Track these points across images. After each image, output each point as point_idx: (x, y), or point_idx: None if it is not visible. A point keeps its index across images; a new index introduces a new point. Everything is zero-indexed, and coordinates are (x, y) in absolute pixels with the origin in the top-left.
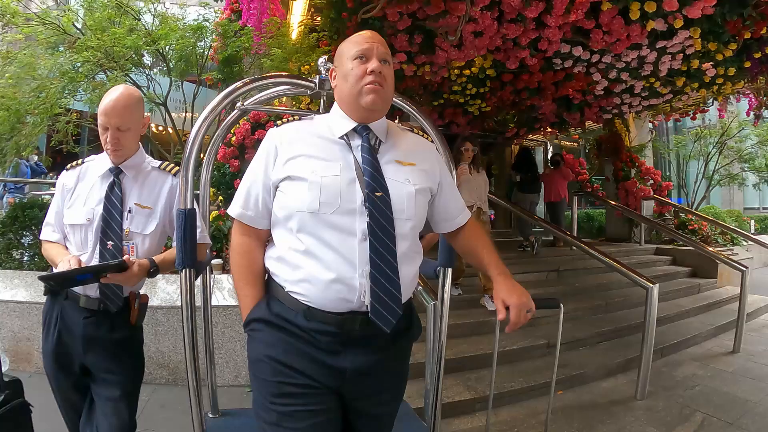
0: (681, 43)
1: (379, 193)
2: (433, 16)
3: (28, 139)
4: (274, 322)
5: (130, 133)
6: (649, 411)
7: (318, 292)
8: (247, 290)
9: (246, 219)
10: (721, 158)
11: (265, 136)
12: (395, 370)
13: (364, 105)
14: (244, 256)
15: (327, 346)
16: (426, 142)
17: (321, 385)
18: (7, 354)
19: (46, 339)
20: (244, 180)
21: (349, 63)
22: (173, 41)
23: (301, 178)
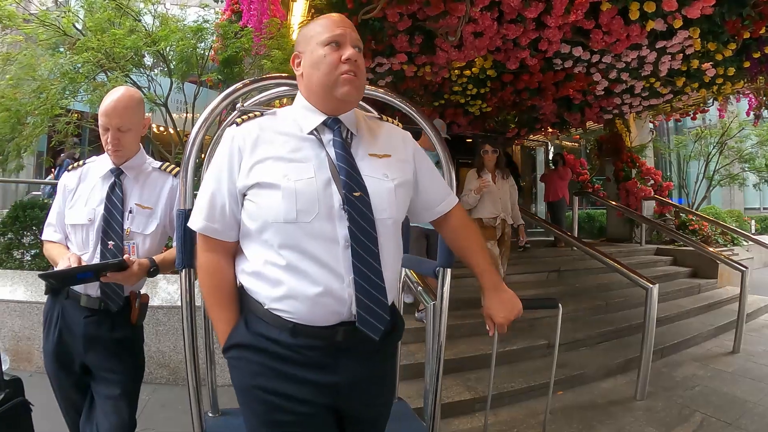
0: (680, 43)
1: (358, 192)
2: (433, 16)
3: (29, 140)
4: (256, 346)
5: (131, 134)
6: (648, 411)
7: (305, 308)
8: (221, 314)
9: (212, 232)
10: (722, 158)
11: (224, 137)
12: (385, 373)
13: (339, 96)
14: (214, 276)
15: (316, 362)
16: (397, 128)
17: (315, 407)
18: (8, 353)
19: (46, 338)
20: (204, 188)
21: (320, 49)
22: (173, 43)
23: (272, 184)
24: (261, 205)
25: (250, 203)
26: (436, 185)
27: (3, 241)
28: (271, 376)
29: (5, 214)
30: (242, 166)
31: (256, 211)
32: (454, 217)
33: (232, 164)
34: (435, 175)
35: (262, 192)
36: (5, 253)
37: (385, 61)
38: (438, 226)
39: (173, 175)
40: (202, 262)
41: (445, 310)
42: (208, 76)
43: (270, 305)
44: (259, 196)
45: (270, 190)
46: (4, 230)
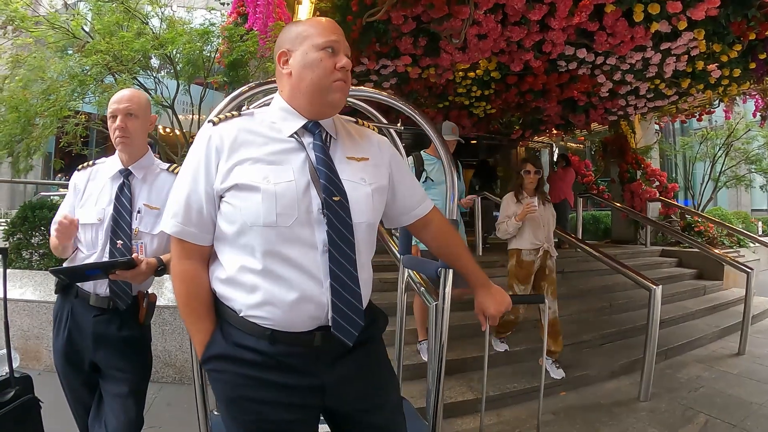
0: (685, 44)
1: (337, 197)
2: (437, 19)
3: (38, 141)
4: (235, 356)
5: (138, 123)
6: (652, 413)
7: (283, 315)
8: (198, 324)
9: (188, 236)
10: (728, 160)
11: (200, 136)
12: (373, 367)
13: (330, 101)
14: (191, 284)
15: (297, 367)
16: (374, 133)
17: (301, 412)
18: (18, 352)
19: (56, 336)
20: (178, 188)
21: (315, 52)
22: (180, 45)
23: (251, 186)
24: (239, 207)
25: (227, 205)
26: (412, 190)
27: (12, 242)
28: (254, 386)
29: (14, 215)
30: (219, 167)
31: (234, 214)
32: (434, 223)
33: (209, 165)
34: (411, 180)
35: (240, 194)
36: (14, 253)
37: (390, 63)
38: (416, 231)
39: None
40: (178, 270)
41: (447, 310)
42: (214, 78)
43: (246, 312)
44: (237, 198)
45: (249, 193)
46: (13, 230)
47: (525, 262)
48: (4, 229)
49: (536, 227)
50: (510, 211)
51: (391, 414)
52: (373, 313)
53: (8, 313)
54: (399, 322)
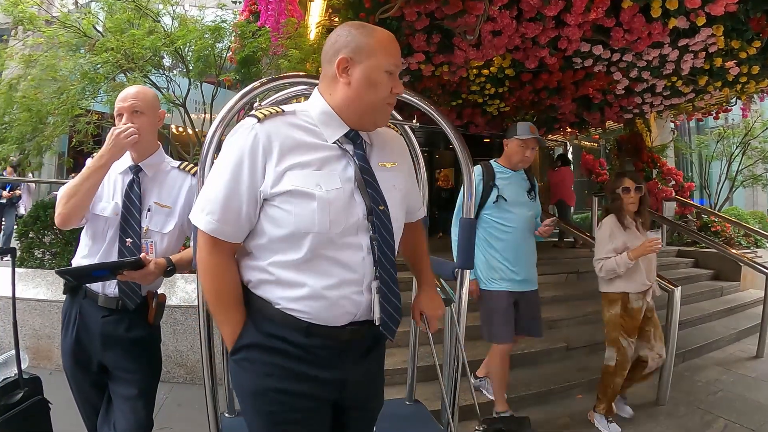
0: (704, 41)
1: (382, 206)
2: (451, 15)
3: (50, 140)
4: (268, 345)
5: (145, 119)
6: (669, 416)
7: (323, 309)
8: (228, 315)
9: (222, 234)
10: (745, 159)
11: (243, 130)
12: (379, 370)
13: (375, 123)
14: (221, 279)
15: (326, 360)
16: (397, 135)
17: (320, 402)
18: (29, 351)
19: (64, 337)
20: (215, 185)
21: (381, 74)
22: (191, 42)
23: (306, 193)
24: (293, 213)
25: (278, 210)
26: (416, 194)
27: (24, 241)
28: (282, 376)
29: (27, 214)
30: (268, 170)
31: (286, 219)
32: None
33: (255, 165)
34: (416, 183)
35: (294, 200)
36: (26, 252)
37: (403, 60)
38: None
39: (192, 174)
40: (208, 264)
41: (464, 311)
42: (226, 75)
43: (285, 305)
44: (290, 203)
45: (303, 199)
46: (25, 230)
47: (634, 310)
48: (16, 229)
49: (648, 263)
50: (617, 243)
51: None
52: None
53: (20, 312)
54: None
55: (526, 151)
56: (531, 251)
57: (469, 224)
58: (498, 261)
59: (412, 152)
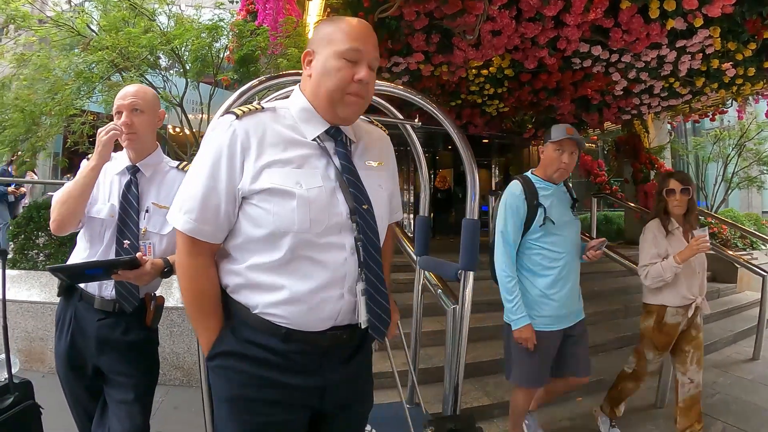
0: (701, 42)
1: (366, 206)
2: (450, 15)
3: (44, 141)
4: (243, 353)
5: (144, 118)
6: (668, 419)
7: (302, 314)
8: (206, 322)
9: (201, 234)
10: (741, 160)
11: (221, 127)
12: (364, 374)
13: (340, 115)
14: (199, 281)
15: (304, 367)
16: (383, 133)
17: (299, 411)
18: (21, 354)
19: (59, 340)
20: (193, 183)
21: (336, 60)
22: (188, 41)
23: (286, 191)
24: (272, 212)
25: (256, 209)
26: (398, 195)
27: (17, 242)
28: (258, 386)
29: (20, 215)
30: (246, 167)
31: (265, 218)
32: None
33: (233, 163)
34: (398, 185)
35: (273, 199)
36: (19, 254)
37: (402, 60)
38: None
39: None
40: (186, 266)
41: (467, 314)
42: (223, 75)
43: (263, 310)
44: (269, 202)
45: (282, 198)
46: (18, 231)
47: (669, 325)
48: (9, 230)
49: (691, 274)
50: (661, 248)
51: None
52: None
53: (13, 314)
54: (414, 324)
55: (563, 157)
56: (577, 277)
57: (472, 225)
58: (544, 296)
59: (414, 152)
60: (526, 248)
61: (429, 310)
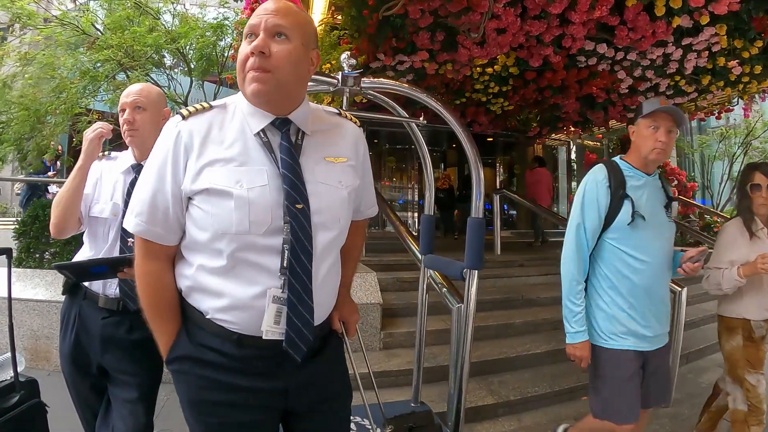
0: (707, 40)
1: (300, 205)
2: (455, 13)
3: (49, 140)
4: (199, 358)
5: (147, 116)
6: (674, 418)
7: (250, 319)
8: (162, 325)
9: (153, 236)
10: (747, 159)
11: (167, 130)
12: (333, 371)
13: (249, 96)
14: (157, 286)
15: (262, 371)
16: (354, 126)
17: (264, 412)
18: (27, 352)
19: (63, 339)
20: (142, 185)
21: (243, 44)
22: (193, 40)
23: (223, 191)
24: (210, 213)
25: (197, 210)
26: (370, 191)
27: (23, 241)
28: (218, 389)
29: (25, 214)
30: (188, 167)
31: (205, 220)
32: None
33: (177, 163)
34: (371, 181)
35: (211, 199)
36: (25, 252)
37: (406, 58)
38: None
39: None
40: (144, 270)
41: (472, 313)
42: (228, 74)
43: (214, 315)
44: (207, 203)
45: (220, 198)
46: (24, 229)
47: (758, 338)
48: (15, 228)
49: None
50: (739, 253)
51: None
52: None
53: (18, 313)
54: (419, 323)
55: (658, 134)
56: (667, 294)
57: (477, 223)
58: (623, 309)
59: (419, 150)
60: (604, 250)
61: (433, 309)
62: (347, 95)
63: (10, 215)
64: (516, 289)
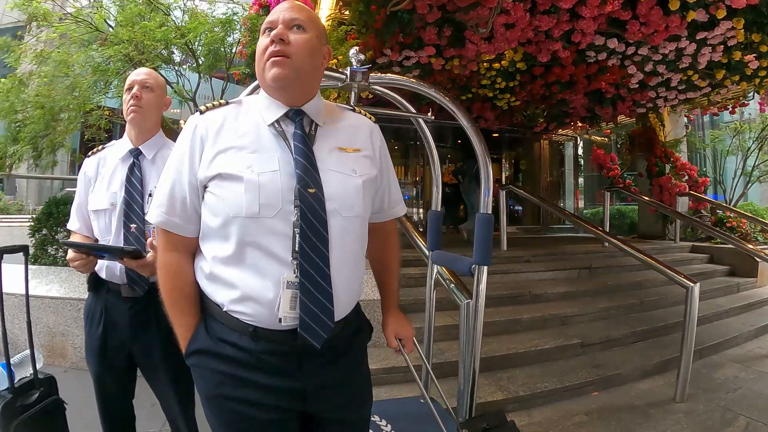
0: (723, 34)
1: (312, 189)
2: (463, 8)
3: (63, 137)
4: (217, 352)
5: (153, 97)
6: (689, 414)
7: (264, 311)
8: (182, 319)
9: (173, 227)
10: (762, 153)
11: (186, 125)
12: (356, 377)
13: (269, 82)
14: (176, 278)
15: (279, 368)
16: (367, 120)
17: (283, 413)
18: (43, 349)
19: (90, 335)
20: (163, 178)
21: (261, 39)
22: (201, 35)
23: (234, 176)
24: (222, 198)
25: (210, 196)
26: (393, 187)
27: (37, 238)
28: (235, 385)
29: (40, 211)
30: (204, 155)
31: (217, 206)
32: (389, 228)
33: (194, 154)
34: (394, 177)
35: (223, 184)
36: (40, 249)
37: (413, 54)
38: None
39: None
40: (163, 261)
41: (481, 309)
42: (235, 69)
43: (230, 307)
44: (220, 188)
45: (231, 182)
46: (38, 226)
47: None
48: (30, 225)
49: None
50: None
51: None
52: (359, 319)
53: (34, 310)
54: (428, 319)
55: None
56: None
57: (486, 219)
58: None
59: (427, 146)
60: None
61: (439, 305)
62: (355, 90)
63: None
64: (523, 284)
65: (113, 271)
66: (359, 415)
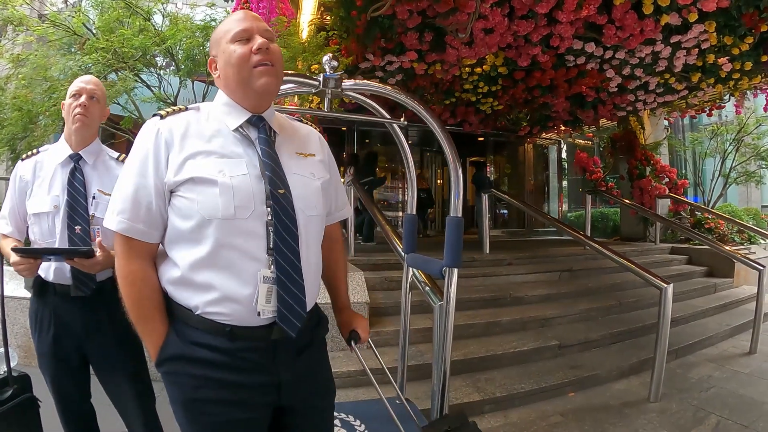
0: (696, 37)
1: (282, 190)
2: (442, 13)
3: (41, 140)
4: (192, 356)
5: (98, 108)
6: (662, 414)
7: (242, 307)
8: (150, 326)
9: (137, 233)
10: (738, 155)
11: (146, 129)
12: (322, 366)
13: (257, 89)
14: (143, 287)
15: (255, 364)
16: (314, 130)
17: (259, 410)
18: (20, 349)
19: (40, 339)
20: (123, 184)
21: (231, 46)
22: (181, 40)
23: (208, 180)
24: (196, 200)
25: (181, 200)
26: (340, 191)
27: None
28: (210, 387)
29: None
30: (171, 160)
31: (190, 208)
32: (336, 232)
33: (158, 158)
34: (340, 182)
35: (196, 188)
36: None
37: (395, 59)
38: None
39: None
40: (127, 270)
41: (452, 310)
42: None
43: (204, 309)
44: (193, 191)
45: (205, 186)
46: None
47: None
48: None
49: None
50: None
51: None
52: (317, 313)
53: (11, 310)
54: (403, 321)
55: None
56: None
57: (456, 222)
58: None
59: (402, 151)
60: None
61: (419, 308)
62: (329, 96)
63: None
64: (504, 287)
65: (63, 272)
66: (327, 402)
